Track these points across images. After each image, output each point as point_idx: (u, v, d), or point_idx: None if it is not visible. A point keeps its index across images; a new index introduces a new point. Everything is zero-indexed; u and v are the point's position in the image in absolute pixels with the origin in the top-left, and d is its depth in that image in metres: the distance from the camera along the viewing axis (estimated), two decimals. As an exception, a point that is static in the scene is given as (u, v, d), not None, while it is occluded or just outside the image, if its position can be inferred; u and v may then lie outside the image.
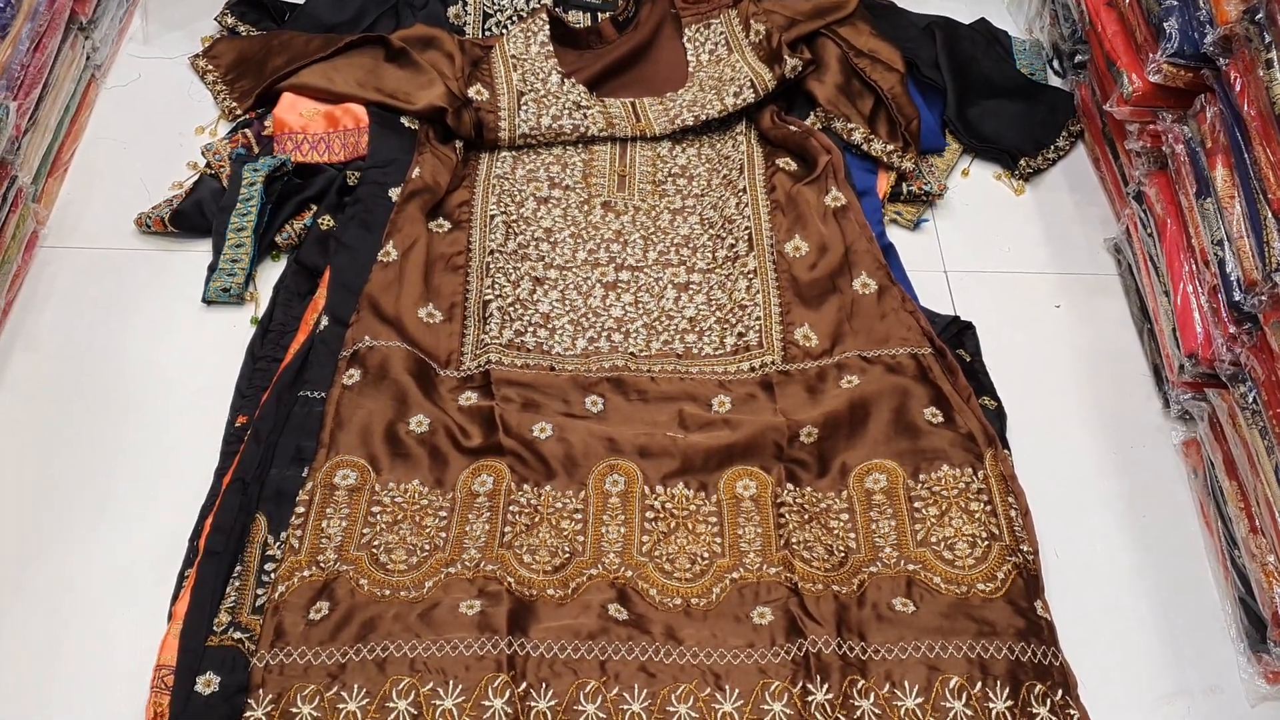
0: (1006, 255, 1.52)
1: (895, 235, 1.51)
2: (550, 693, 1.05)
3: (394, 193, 1.45)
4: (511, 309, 1.37)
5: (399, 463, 1.21)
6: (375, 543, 1.15)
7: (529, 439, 1.23)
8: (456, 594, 1.11)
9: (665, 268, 1.43)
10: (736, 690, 1.07)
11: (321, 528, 1.15)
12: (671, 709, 1.06)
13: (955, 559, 1.15)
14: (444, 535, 1.16)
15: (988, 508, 1.19)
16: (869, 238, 1.43)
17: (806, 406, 1.27)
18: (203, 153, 1.53)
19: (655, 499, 1.20)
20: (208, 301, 1.40)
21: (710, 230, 1.46)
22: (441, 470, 1.21)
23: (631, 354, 1.33)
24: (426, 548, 1.15)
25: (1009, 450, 1.27)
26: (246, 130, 1.55)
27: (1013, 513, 1.18)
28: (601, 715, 1.05)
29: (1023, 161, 1.59)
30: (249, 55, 1.63)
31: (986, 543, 1.16)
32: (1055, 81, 1.72)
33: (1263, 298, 1.15)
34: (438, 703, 1.03)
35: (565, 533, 1.17)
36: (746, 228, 1.44)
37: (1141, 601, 1.21)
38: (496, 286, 1.38)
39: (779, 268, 1.40)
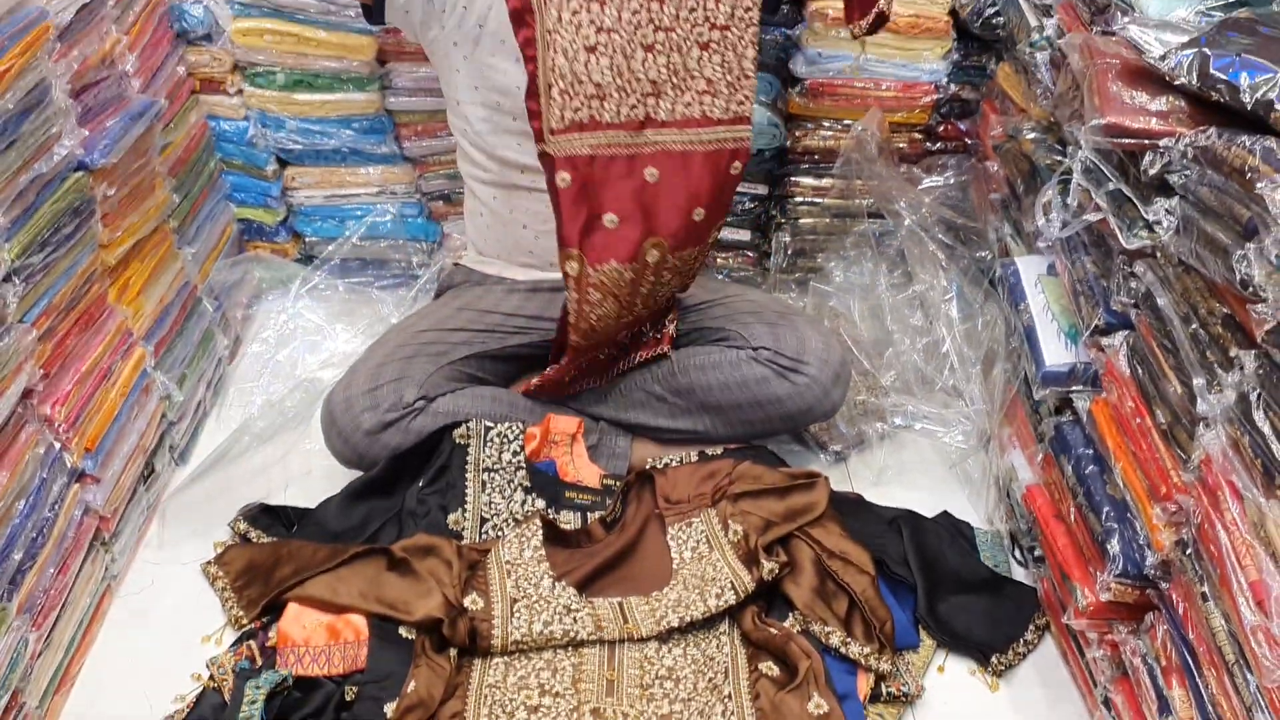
0: (988, 756, 1.55)
1: (877, 738, 1.55)
2: None
3: (389, 708, 1.51)
4: None
5: None
6: None
7: None
8: None
9: None
10: None
11: None
12: None
13: None
14: None
15: None
16: (853, 748, 1.47)
17: None
18: (207, 665, 1.59)
19: None
20: (199, 828, 1.41)
21: None
22: None
23: None
24: None
25: None
26: (251, 642, 1.62)
27: None
28: None
29: (994, 658, 1.66)
30: (258, 564, 1.74)
31: None
32: (1019, 572, 1.82)
33: (1235, 829, 1.18)
34: None
35: None
36: None
37: None
38: None
39: None
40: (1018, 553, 1.85)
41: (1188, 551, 1.29)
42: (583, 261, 1.60)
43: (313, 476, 1.92)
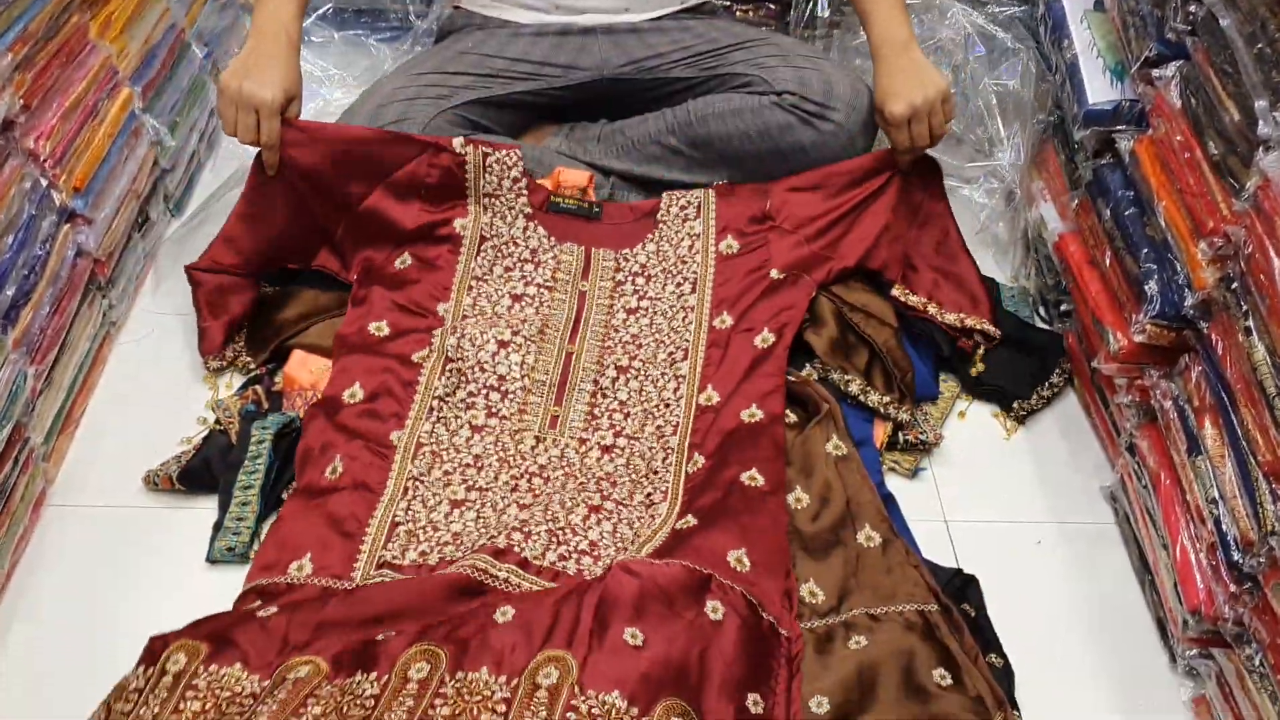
0: (1005, 503, 1.54)
1: (894, 484, 1.54)
2: None
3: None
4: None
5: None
6: None
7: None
8: None
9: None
10: None
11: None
12: None
13: None
14: None
15: None
16: (871, 489, 1.45)
17: (816, 671, 1.26)
18: (212, 409, 1.56)
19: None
20: (212, 561, 1.40)
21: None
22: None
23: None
24: None
25: (1018, 711, 1.26)
26: (257, 386, 1.59)
27: None
28: None
29: (1017, 403, 1.63)
30: (263, 309, 1.69)
31: None
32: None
33: (1261, 560, 1.16)
34: None
35: None
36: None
37: None
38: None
39: None
40: (1043, 310, 1.80)
41: (1232, 286, 1.23)
42: None
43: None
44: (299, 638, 1.23)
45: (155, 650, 1.22)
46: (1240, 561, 1.18)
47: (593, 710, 1.12)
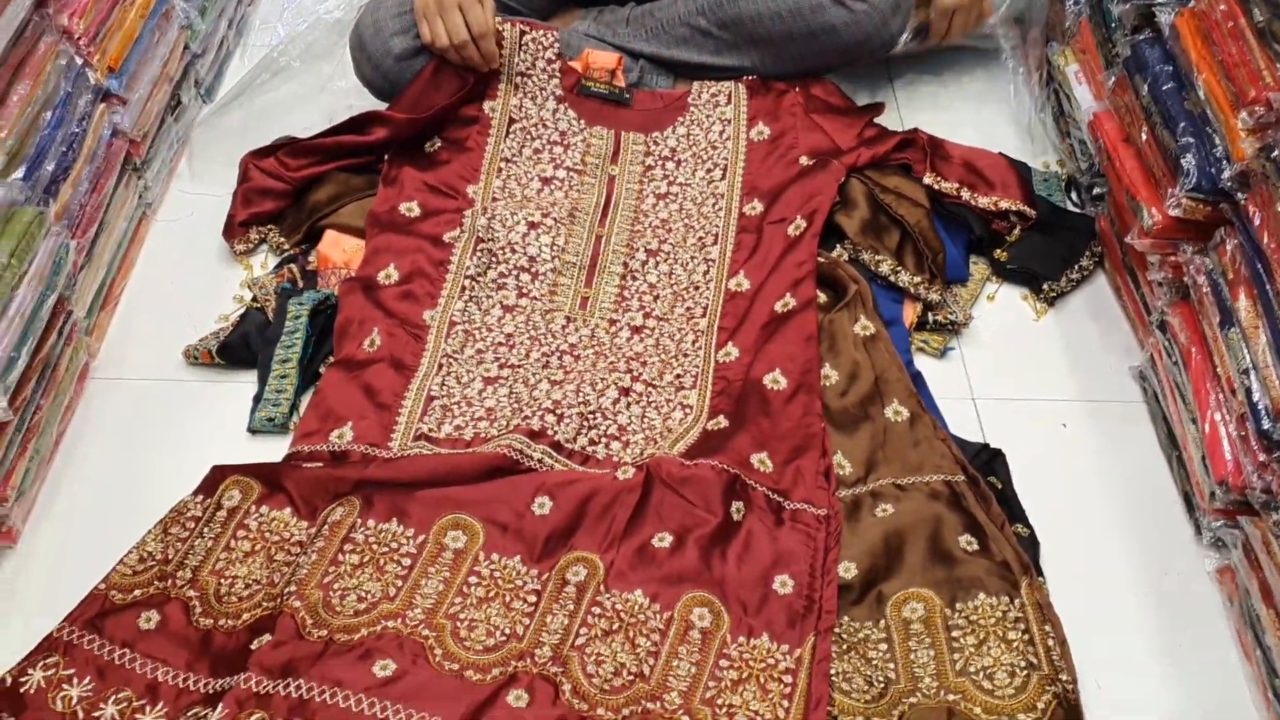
0: (1033, 383, 1.55)
1: (922, 363, 1.54)
2: None
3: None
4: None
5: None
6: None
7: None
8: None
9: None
10: None
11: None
12: None
13: (995, 689, 1.15)
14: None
15: (1025, 636, 1.19)
16: (899, 366, 1.46)
17: (844, 539, 1.28)
18: (249, 287, 1.58)
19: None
20: (253, 431, 1.43)
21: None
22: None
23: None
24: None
25: (1043, 579, 1.28)
26: (291, 265, 1.60)
27: (1050, 641, 1.18)
28: None
29: (1046, 285, 1.63)
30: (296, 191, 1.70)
31: (1025, 672, 1.16)
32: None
33: (1291, 427, 1.16)
34: None
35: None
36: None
37: (1184, 733, 1.19)
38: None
39: None
40: (1074, 195, 1.79)
41: (1273, 155, 1.22)
42: None
43: (344, 115, 1.84)
44: (341, 490, 1.28)
45: (214, 480, 1.30)
46: (1270, 429, 1.19)
47: (616, 607, 1.19)
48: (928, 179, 1.66)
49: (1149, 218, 1.43)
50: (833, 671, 1.17)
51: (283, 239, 1.66)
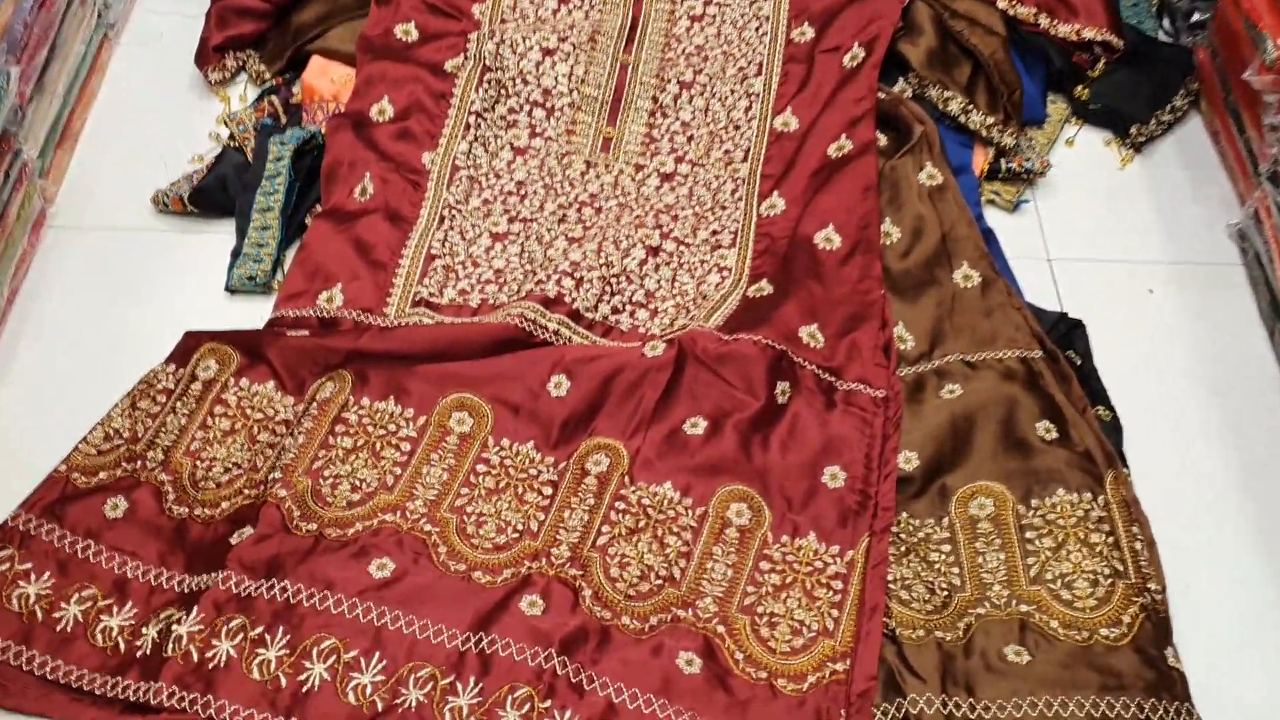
0: (1116, 241, 1.37)
1: (993, 218, 1.37)
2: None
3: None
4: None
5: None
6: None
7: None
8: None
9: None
10: None
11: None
12: None
13: (1074, 599, 1.02)
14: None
15: (1109, 539, 1.05)
16: (969, 222, 1.28)
17: (904, 425, 1.13)
18: (225, 123, 1.40)
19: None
20: (231, 290, 1.28)
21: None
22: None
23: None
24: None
25: (1128, 469, 1.13)
26: (273, 97, 1.42)
27: (1137, 544, 1.05)
28: None
29: (1134, 128, 1.44)
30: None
31: (1109, 581, 1.03)
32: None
33: None
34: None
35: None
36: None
37: (1281, 640, 1.07)
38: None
39: None
40: (1168, 22, 1.57)
41: None
42: None
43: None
44: (332, 362, 1.14)
45: (188, 348, 1.16)
46: None
47: (643, 501, 1.06)
48: (1002, 3, 1.44)
49: (1272, 50, 1.22)
50: (890, 578, 1.03)
51: (263, 66, 1.46)
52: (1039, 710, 0.96)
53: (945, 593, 1.04)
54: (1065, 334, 1.25)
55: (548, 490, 1.08)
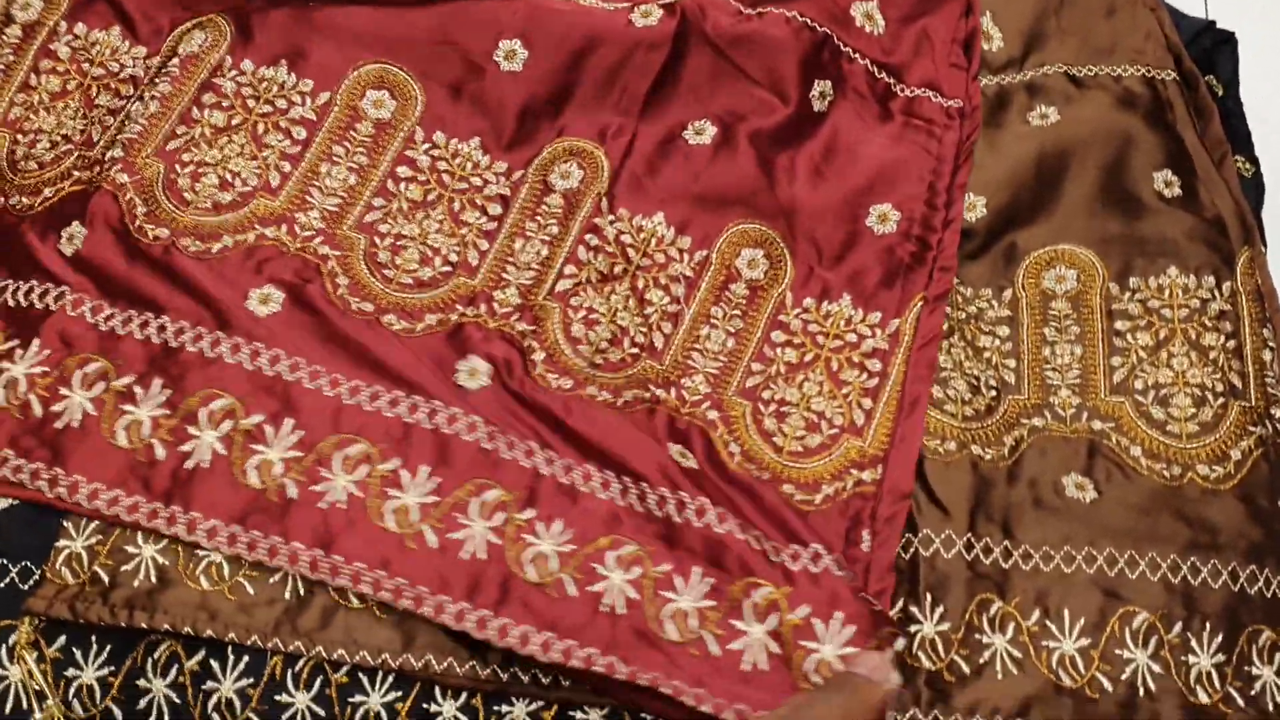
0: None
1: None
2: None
3: None
4: None
5: None
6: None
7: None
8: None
9: None
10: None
11: None
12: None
13: (1169, 420, 0.82)
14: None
15: (1230, 343, 0.85)
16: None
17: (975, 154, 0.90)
18: None
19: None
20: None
21: None
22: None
23: None
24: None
25: (1266, 248, 0.89)
26: None
27: (1267, 354, 0.84)
28: None
29: None
30: None
31: (1221, 400, 0.82)
32: None
33: None
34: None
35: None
36: None
37: None
38: None
39: None
40: None
41: None
42: None
43: None
44: (203, 3, 0.91)
45: None
46: None
47: (622, 237, 0.84)
48: None
49: None
50: (933, 364, 0.83)
51: None
52: (1096, 567, 0.76)
53: (993, 392, 0.82)
54: (1209, 50, 1.01)
55: (495, 208, 0.84)
